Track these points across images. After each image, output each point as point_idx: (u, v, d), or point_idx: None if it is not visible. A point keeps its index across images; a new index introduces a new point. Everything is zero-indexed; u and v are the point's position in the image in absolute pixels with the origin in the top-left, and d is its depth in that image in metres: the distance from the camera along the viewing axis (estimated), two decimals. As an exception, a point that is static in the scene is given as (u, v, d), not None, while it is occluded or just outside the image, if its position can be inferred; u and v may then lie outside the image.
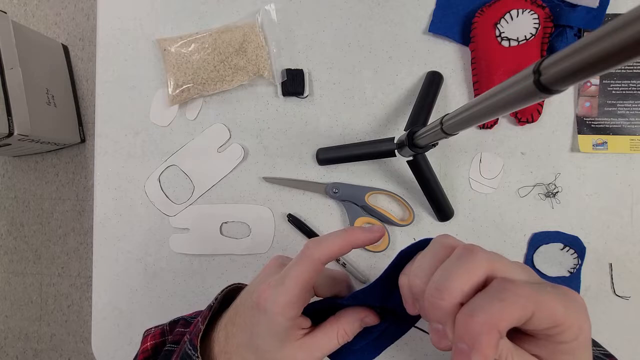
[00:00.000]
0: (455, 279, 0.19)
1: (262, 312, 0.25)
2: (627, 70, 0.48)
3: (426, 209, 0.50)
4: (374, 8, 0.51)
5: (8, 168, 1.38)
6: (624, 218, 0.49)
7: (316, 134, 0.51)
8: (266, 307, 0.25)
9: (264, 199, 0.51)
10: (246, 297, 0.28)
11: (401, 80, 0.51)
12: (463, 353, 0.17)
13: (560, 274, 0.48)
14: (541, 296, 0.19)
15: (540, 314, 0.18)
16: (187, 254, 0.51)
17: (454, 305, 0.19)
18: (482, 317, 0.18)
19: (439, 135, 0.33)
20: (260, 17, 0.51)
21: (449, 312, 0.19)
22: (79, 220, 1.36)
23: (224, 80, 0.50)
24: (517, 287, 0.19)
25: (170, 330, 0.36)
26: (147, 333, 0.36)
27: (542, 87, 0.19)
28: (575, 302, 0.20)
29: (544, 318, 0.19)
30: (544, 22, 0.47)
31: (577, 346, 0.20)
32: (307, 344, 0.26)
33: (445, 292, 0.19)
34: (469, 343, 0.17)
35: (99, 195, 0.52)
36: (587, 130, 0.49)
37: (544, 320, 0.19)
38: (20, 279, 1.38)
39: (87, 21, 1.35)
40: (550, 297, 0.19)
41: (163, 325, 0.36)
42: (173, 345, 0.32)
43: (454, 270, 0.20)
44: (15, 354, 1.39)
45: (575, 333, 0.19)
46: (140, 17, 0.53)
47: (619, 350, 0.48)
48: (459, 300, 0.19)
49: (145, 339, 0.35)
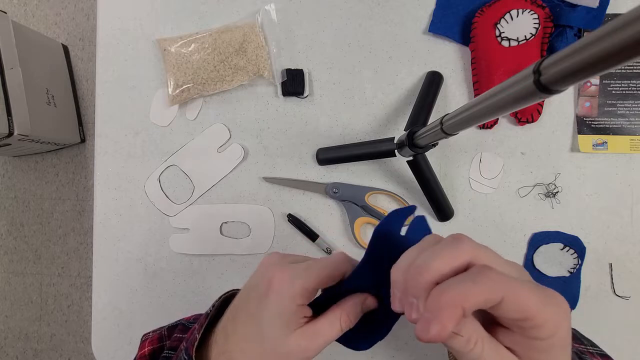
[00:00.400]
0: (436, 260, 0.21)
1: (274, 294, 0.26)
2: (627, 70, 0.48)
3: (426, 209, 0.50)
4: (374, 8, 0.51)
5: (8, 168, 1.38)
6: (624, 218, 0.49)
7: (316, 134, 0.51)
8: (281, 289, 0.25)
9: (264, 199, 0.51)
10: (247, 293, 0.29)
11: (401, 80, 0.51)
12: (426, 321, 0.19)
13: (560, 274, 0.48)
14: (515, 285, 0.19)
15: (511, 301, 0.19)
16: (187, 254, 0.51)
17: (430, 283, 0.20)
18: (450, 294, 0.19)
19: (439, 135, 0.33)
20: (260, 17, 0.51)
21: (424, 288, 0.20)
22: (79, 220, 1.36)
23: (224, 80, 0.50)
24: (492, 272, 0.20)
25: (168, 335, 0.35)
26: (145, 338, 0.36)
27: (542, 87, 0.19)
28: (556, 303, 0.20)
29: (513, 306, 0.19)
30: (544, 22, 0.47)
31: (552, 345, 0.20)
32: (310, 330, 0.26)
33: (424, 270, 0.20)
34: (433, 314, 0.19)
35: (99, 195, 0.52)
36: (587, 130, 0.49)
37: (513, 308, 0.19)
38: (20, 279, 1.38)
39: (87, 21, 1.35)
40: (526, 290, 0.19)
41: (161, 330, 0.36)
42: (170, 351, 0.32)
43: (437, 253, 0.21)
44: (15, 354, 1.39)
45: (550, 331, 0.20)
46: (140, 17, 0.53)
47: (619, 350, 0.48)
48: (435, 279, 0.20)
49: (143, 344, 0.35)
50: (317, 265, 0.27)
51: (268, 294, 0.26)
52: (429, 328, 0.18)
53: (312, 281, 0.26)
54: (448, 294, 0.19)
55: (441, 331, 0.18)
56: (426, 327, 0.19)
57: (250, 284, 0.29)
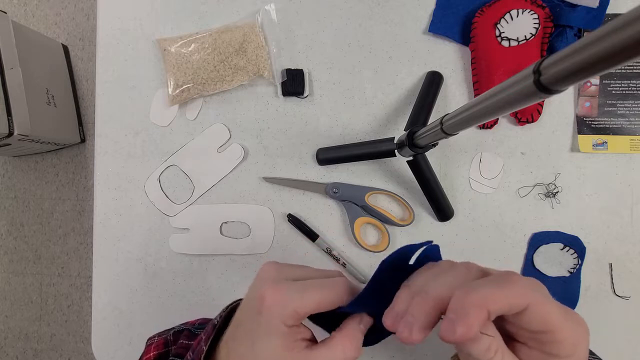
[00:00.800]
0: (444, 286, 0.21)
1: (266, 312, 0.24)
2: (627, 70, 0.48)
3: (426, 209, 0.50)
4: (374, 8, 0.51)
5: (8, 168, 1.38)
6: (624, 218, 0.49)
7: (316, 134, 0.51)
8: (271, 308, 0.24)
9: (264, 199, 0.51)
10: (245, 307, 0.28)
11: (401, 80, 0.51)
12: (451, 322, 0.19)
13: (560, 274, 0.48)
14: (541, 297, 0.19)
15: (534, 311, 0.19)
16: (187, 254, 0.51)
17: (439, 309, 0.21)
18: (476, 296, 0.19)
19: (439, 135, 0.33)
20: (260, 17, 0.51)
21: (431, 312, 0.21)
22: (79, 220, 1.36)
23: (224, 80, 0.50)
24: (520, 280, 0.19)
25: (173, 340, 0.35)
26: (150, 342, 0.35)
27: (542, 87, 0.19)
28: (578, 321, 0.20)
29: (537, 316, 0.19)
30: (544, 22, 0.47)
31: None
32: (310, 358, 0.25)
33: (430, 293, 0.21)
34: (458, 315, 0.19)
35: (99, 195, 0.52)
36: (587, 130, 0.49)
37: (536, 319, 0.19)
38: (20, 279, 1.38)
39: (87, 21, 1.35)
40: (551, 304, 0.19)
41: (167, 334, 0.36)
42: (176, 358, 0.32)
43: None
44: (15, 354, 1.39)
45: (569, 349, 0.19)
46: (140, 17, 0.53)
47: (619, 350, 0.48)
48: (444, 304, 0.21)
49: (148, 348, 0.34)
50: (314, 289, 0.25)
51: (261, 312, 0.25)
52: (455, 329, 0.18)
53: (306, 306, 0.24)
54: (474, 296, 0.19)
55: (467, 332, 0.18)
56: (452, 327, 0.18)
57: (247, 297, 0.28)
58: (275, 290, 0.25)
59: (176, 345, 0.34)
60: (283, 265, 0.29)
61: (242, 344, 0.26)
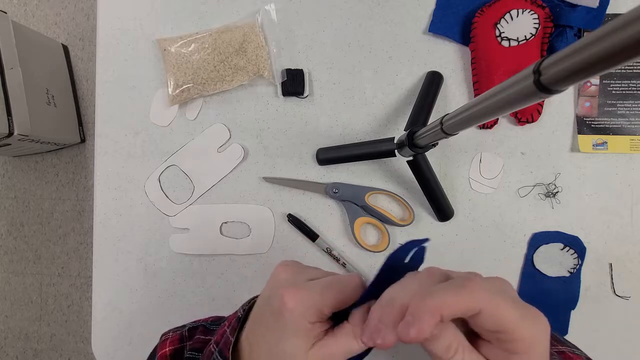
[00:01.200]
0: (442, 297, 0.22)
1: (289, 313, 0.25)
2: (627, 70, 0.48)
3: (426, 209, 0.50)
4: (374, 8, 0.51)
5: (8, 168, 1.38)
6: (624, 218, 0.49)
7: (316, 134, 0.51)
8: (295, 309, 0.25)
9: (264, 199, 0.51)
10: (263, 305, 0.28)
11: (401, 80, 0.51)
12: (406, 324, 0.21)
13: (560, 274, 0.48)
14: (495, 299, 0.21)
15: (487, 313, 0.20)
16: (187, 254, 0.51)
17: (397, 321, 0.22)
18: (431, 301, 0.21)
19: (439, 135, 0.33)
20: (260, 17, 0.51)
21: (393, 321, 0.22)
22: (79, 220, 1.36)
23: (224, 80, 0.50)
24: (474, 284, 0.21)
25: (189, 336, 0.35)
26: (165, 337, 0.35)
27: (542, 87, 0.19)
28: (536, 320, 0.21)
29: (490, 318, 0.21)
30: (544, 22, 0.47)
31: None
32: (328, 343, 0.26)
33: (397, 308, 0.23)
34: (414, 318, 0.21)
35: (99, 195, 0.52)
36: (587, 130, 0.49)
37: (490, 320, 0.21)
38: (20, 279, 1.38)
39: (87, 21, 1.35)
40: (506, 304, 0.21)
41: (182, 330, 0.36)
42: (194, 352, 0.32)
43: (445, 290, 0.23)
44: (15, 354, 1.39)
45: (526, 346, 0.21)
46: (140, 17, 0.53)
47: (619, 350, 0.48)
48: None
49: (163, 343, 0.34)
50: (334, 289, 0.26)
51: (283, 312, 0.25)
52: (409, 330, 0.20)
53: (327, 305, 0.26)
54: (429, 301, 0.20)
55: (420, 333, 0.20)
56: (406, 329, 0.20)
57: (264, 295, 0.29)
58: (297, 291, 0.26)
59: (192, 341, 0.34)
60: (300, 265, 0.30)
61: (266, 342, 0.27)
